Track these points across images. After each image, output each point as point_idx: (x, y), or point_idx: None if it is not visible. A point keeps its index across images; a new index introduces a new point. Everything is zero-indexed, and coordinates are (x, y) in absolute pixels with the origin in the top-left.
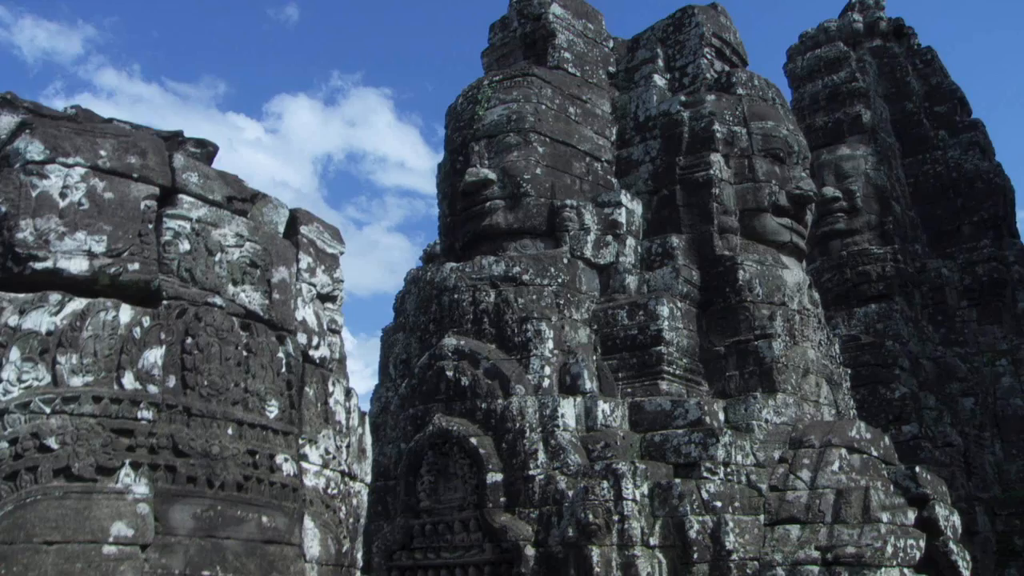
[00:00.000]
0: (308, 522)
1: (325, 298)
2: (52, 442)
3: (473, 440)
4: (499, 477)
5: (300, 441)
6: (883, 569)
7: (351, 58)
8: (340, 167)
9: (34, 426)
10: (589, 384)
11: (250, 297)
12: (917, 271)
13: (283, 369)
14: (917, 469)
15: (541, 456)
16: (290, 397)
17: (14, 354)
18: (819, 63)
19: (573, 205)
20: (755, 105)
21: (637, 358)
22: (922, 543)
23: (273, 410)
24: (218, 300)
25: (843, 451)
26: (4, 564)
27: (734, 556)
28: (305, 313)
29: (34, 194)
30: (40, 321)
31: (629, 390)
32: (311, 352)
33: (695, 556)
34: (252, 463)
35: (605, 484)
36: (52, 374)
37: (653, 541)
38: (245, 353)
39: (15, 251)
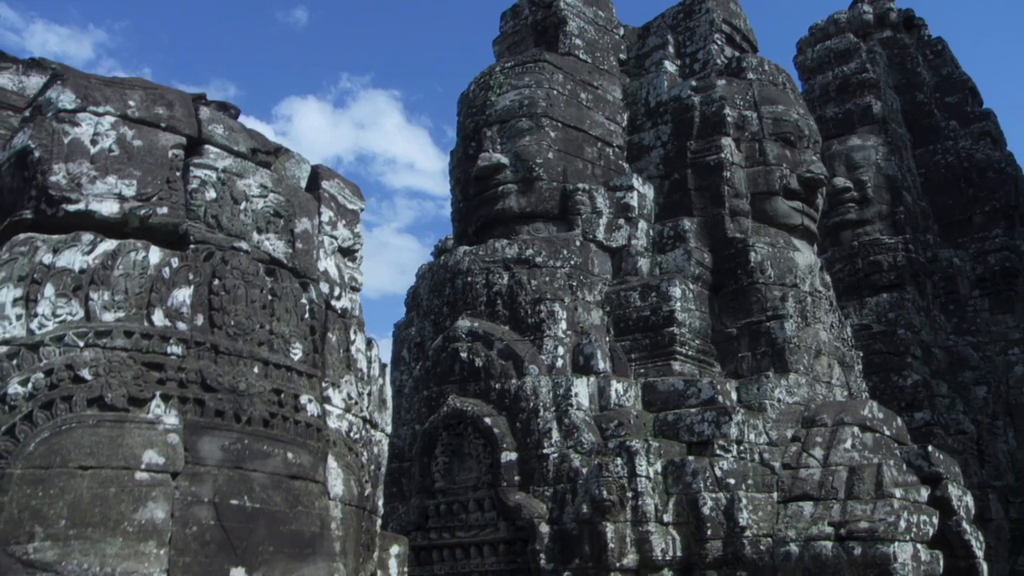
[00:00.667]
0: (332, 462)
1: (346, 252)
2: (86, 373)
3: (487, 420)
4: (513, 456)
5: (323, 384)
6: (896, 543)
7: (360, 60)
8: (350, 169)
9: (68, 358)
10: (602, 364)
11: (274, 245)
12: (929, 261)
13: (306, 315)
14: (930, 448)
15: (555, 435)
16: (313, 342)
17: (48, 290)
18: (829, 54)
19: (585, 189)
20: (765, 89)
21: (650, 339)
22: (935, 519)
23: (297, 352)
24: (244, 245)
25: (855, 429)
26: (41, 487)
27: (747, 532)
28: (327, 264)
29: (66, 140)
30: (73, 260)
31: (642, 371)
32: (333, 302)
33: (708, 532)
34: (277, 401)
35: (619, 461)
36: (85, 310)
37: (667, 518)
38: (270, 297)
39: (49, 193)
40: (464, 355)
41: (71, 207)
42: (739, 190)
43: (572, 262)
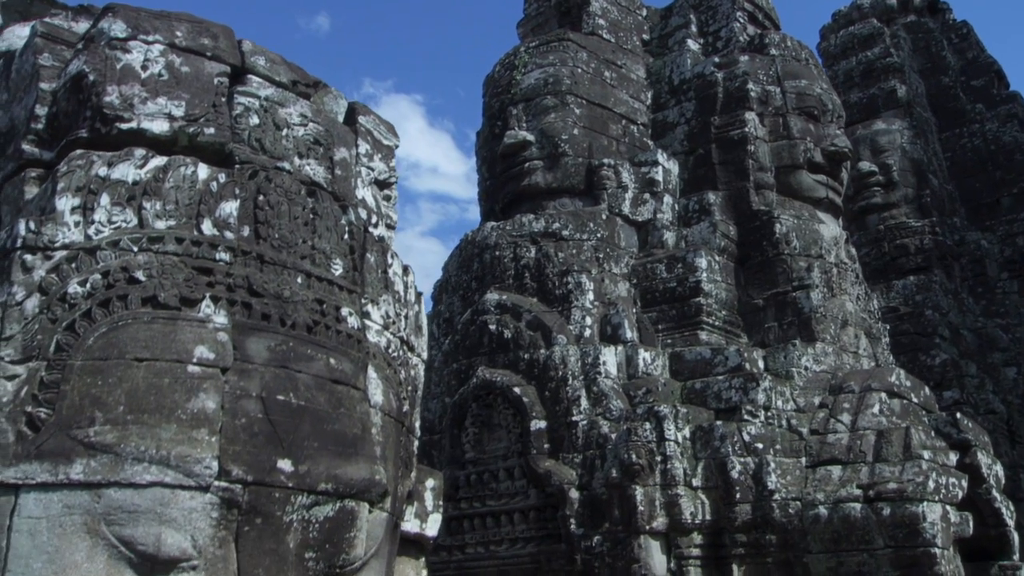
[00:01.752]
0: (371, 372)
1: (382, 185)
2: (140, 275)
3: (516, 389)
4: (543, 424)
5: (363, 300)
6: (925, 503)
7: (382, 66)
8: None
9: (123, 261)
10: (630, 334)
11: (314, 170)
12: (956, 244)
13: (346, 235)
14: (958, 416)
15: (584, 403)
16: (353, 260)
17: (104, 199)
18: (853, 40)
19: (611, 164)
20: (788, 65)
21: (676, 310)
22: (964, 483)
23: (338, 268)
24: (286, 166)
25: (883, 395)
26: (100, 376)
27: (776, 496)
28: (364, 193)
29: (118, 66)
30: (127, 172)
31: (669, 341)
32: (371, 229)
33: (737, 496)
34: (320, 311)
35: (647, 426)
36: (139, 218)
37: (696, 482)
38: (311, 215)
39: (103, 112)
40: (493, 327)
41: (124, 125)
42: (763, 164)
43: (599, 235)
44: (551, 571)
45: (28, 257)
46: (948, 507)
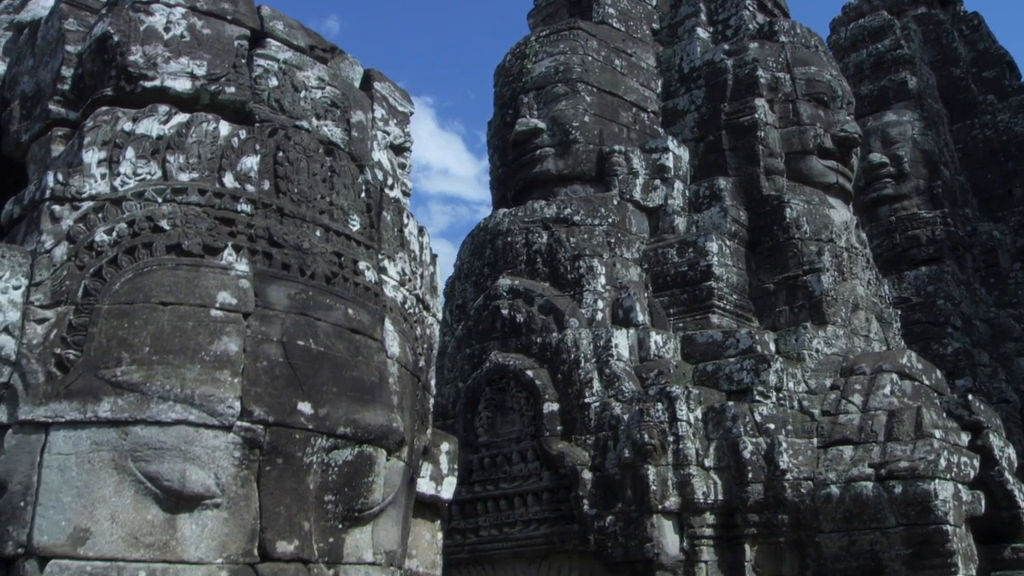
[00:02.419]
0: (388, 325)
1: (397, 150)
2: (164, 224)
3: (529, 373)
4: (555, 407)
5: (379, 256)
6: (937, 481)
7: (392, 68)
8: None
9: (148, 211)
10: (641, 317)
11: (331, 131)
12: (968, 235)
13: (363, 193)
14: (970, 397)
15: (596, 385)
16: (370, 217)
17: (129, 153)
18: (863, 33)
19: (621, 151)
20: (798, 52)
21: (688, 294)
22: (976, 463)
23: (355, 224)
24: (305, 124)
25: (894, 376)
26: (127, 319)
27: (788, 476)
28: (380, 156)
29: (142, 27)
30: (151, 127)
31: (680, 325)
32: (386, 190)
33: (749, 476)
34: (338, 263)
35: (659, 406)
36: (163, 171)
37: (708, 462)
38: (329, 173)
39: (128, 71)
40: (505, 312)
41: (148, 83)
42: (773, 149)
43: (610, 220)
44: (564, 552)
45: (56, 208)
46: (960, 486)
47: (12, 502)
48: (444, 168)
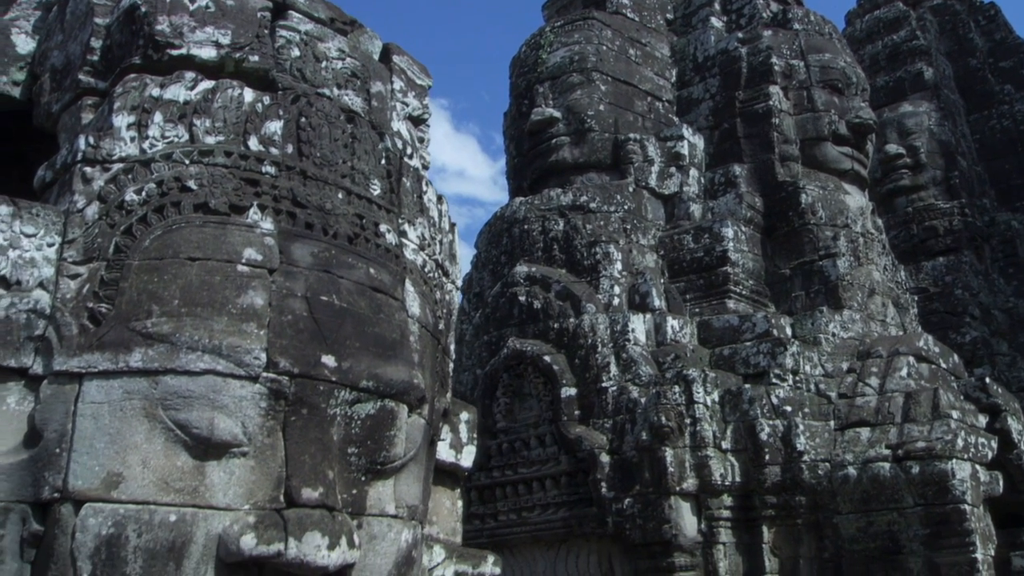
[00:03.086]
0: (409, 286)
1: (416, 121)
2: (192, 184)
3: (547, 358)
4: (573, 391)
5: (400, 220)
6: (954, 460)
7: None
8: None
9: (176, 172)
10: (658, 302)
11: (352, 100)
12: (986, 225)
13: (383, 160)
14: (987, 380)
15: (613, 369)
16: (390, 183)
17: (157, 117)
18: (878, 24)
19: (636, 139)
20: (812, 39)
21: (704, 279)
22: (994, 444)
23: (376, 188)
24: (327, 92)
25: (911, 359)
26: (156, 274)
27: (805, 457)
28: (399, 126)
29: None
30: (178, 93)
31: (697, 310)
32: (405, 159)
33: (767, 458)
34: (360, 225)
35: (676, 389)
36: (190, 134)
37: (725, 445)
38: (350, 139)
39: (155, 40)
40: (522, 298)
41: (174, 52)
42: (788, 136)
43: (625, 207)
44: (583, 535)
45: (88, 169)
46: (977, 466)
47: (48, 449)
48: (460, 170)
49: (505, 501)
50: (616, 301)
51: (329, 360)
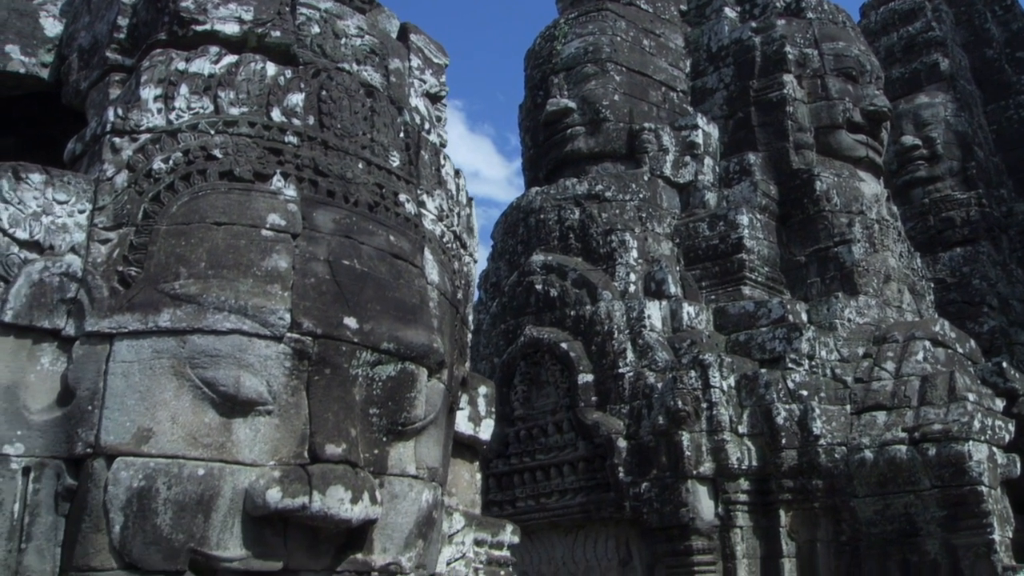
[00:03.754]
0: (428, 254)
1: (434, 98)
2: (217, 152)
3: (563, 345)
4: (590, 378)
5: (418, 191)
6: (971, 442)
7: None
8: None
9: (202, 141)
10: (674, 289)
11: (371, 76)
12: (1004, 215)
13: (401, 133)
14: (1004, 364)
15: (630, 355)
16: (408, 155)
17: (183, 89)
18: (893, 16)
19: (651, 128)
20: (826, 27)
21: (719, 267)
22: (1011, 427)
23: (395, 160)
24: (347, 67)
25: (927, 343)
26: (184, 238)
27: (822, 441)
28: (417, 103)
29: None
30: (203, 66)
31: (712, 297)
32: (423, 133)
33: (783, 442)
34: (379, 194)
35: (693, 374)
36: (215, 105)
37: (742, 429)
38: (370, 112)
39: (180, 16)
40: (539, 287)
41: (198, 27)
42: (802, 124)
43: (641, 196)
44: (600, 519)
45: (116, 140)
46: (995, 448)
47: (80, 407)
48: (475, 171)
49: (523, 488)
50: (632, 288)
51: (351, 322)
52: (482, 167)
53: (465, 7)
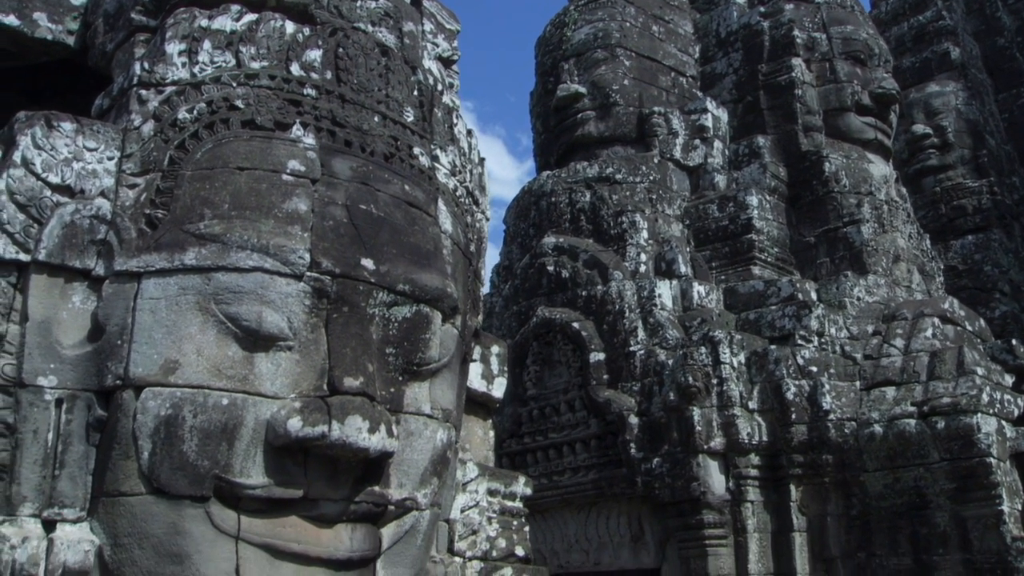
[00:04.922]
0: (441, 205)
1: (446, 62)
2: (239, 103)
3: (575, 325)
4: (601, 356)
5: (432, 146)
6: (979, 415)
7: None
8: None
9: (224, 93)
10: (684, 268)
11: (385, 37)
12: (1015, 203)
13: (415, 91)
14: (1014, 342)
15: (641, 334)
16: (423, 112)
17: (206, 44)
18: (904, 5)
19: (661, 112)
20: (834, 11)
21: (729, 247)
22: (1020, 402)
23: (409, 116)
24: (362, 26)
25: (936, 320)
26: (208, 182)
27: (831, 416)
28: (430, 65)
29: None
30: (225, 23)
31: (722, 278)
32: (436, 93)
33: (793, 417)
34: (395, 146)
35: (703, 350)
36: (236, 59)
37: (752, 404)
38: (385, 70)
39: None
40: (551, 268)
41: None
42: (811, 107)
43: (651, 178)
44: (612, 496)
45: (143, 92)
46: (1003, 421)
47: (110, 341)
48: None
49: (536, 466)
50: (643, 268)
51: (368, 263)
52: (494, 167)
53: (476, 9)
